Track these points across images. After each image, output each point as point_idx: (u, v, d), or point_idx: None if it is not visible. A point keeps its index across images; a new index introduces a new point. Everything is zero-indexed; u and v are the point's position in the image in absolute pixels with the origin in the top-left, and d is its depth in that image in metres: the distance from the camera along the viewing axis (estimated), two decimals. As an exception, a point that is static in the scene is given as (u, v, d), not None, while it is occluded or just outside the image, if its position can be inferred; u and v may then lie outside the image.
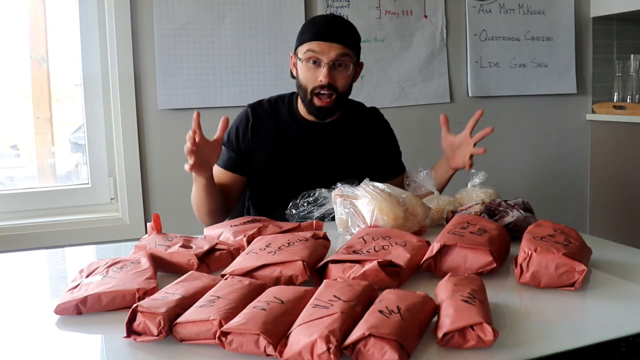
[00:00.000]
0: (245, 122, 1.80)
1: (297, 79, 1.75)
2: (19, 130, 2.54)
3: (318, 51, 1.67)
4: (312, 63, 1.68)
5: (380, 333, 0.80)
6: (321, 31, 1.68)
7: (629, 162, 2.99)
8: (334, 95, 1.70)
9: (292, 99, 1.84)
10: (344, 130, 1.83)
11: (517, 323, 0.95)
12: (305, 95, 1.72)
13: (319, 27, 1.70)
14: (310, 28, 1.72)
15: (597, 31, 3.13)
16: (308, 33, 1.70)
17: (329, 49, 1.66)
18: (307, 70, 1.69)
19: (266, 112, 1.82)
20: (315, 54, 1.67)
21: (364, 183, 1.47)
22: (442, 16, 2.85)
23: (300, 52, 1.70)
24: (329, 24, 1.71)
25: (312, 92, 1.70)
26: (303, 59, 1.69)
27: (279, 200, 1.67)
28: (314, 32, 1.69)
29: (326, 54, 1.66)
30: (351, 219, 1.43)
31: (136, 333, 0.91)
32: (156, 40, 2.44)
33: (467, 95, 2.93)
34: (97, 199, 2.51)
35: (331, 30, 1.68)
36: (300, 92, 1.75)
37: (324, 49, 1.66)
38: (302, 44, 1.70)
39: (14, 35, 2.46)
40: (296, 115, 1.81)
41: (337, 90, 1.70)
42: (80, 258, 1.53)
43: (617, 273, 1.18)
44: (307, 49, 1.68)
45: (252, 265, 1.12)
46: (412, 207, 1.44)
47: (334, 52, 1.66)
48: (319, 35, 1.67)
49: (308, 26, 1.74)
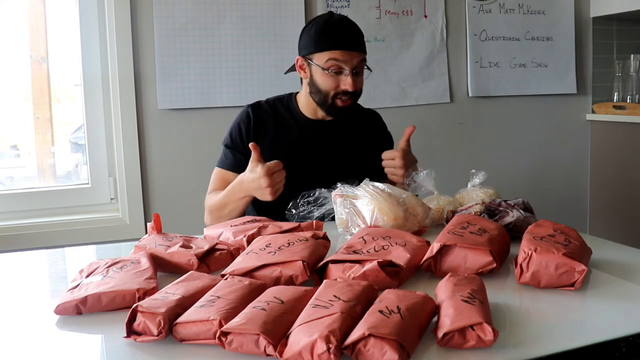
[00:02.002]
0: (247, 121, 1.81)
1: (311, 84, 1.75)
2: (19, 130, 2.54)
3: (341, 60, 1.69)
4: (334, 71, 1.70)
5: (380, 333, 0.80)
6: (342, 40, 1.70)
7: (629, 162, 2.99)
8: (354, 98, 1.76)
9: (291, 99, 1.85)
10: (342, 128, 1.84)
11: (517, 323, 0.95)
12: (325, 99, 1.75)
13: (339, 35, 1.70)
14: (328, 36, 1.71)
15: (597, 31, 3.13)
16: (328, 41, 1.70)
17: (351, 57, 1.70)
18: (329, 78, 1.71)
19: (266, 112, 1.83)
20: (338, 63, 1.69)
21: (364, 183, 1.48)
22: (442, 16, 2.86)
23: (320, 60, 1.70)
24: (348, 31, 1.72)
25: (334, 96, 1.74)
26: (325, 67, 1.70)
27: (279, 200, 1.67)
28: (335, 40, 1.70)
29: (349, 63, 1.69)
30: (351, 219, 1.43)
31: (136, 333, 0.91)
32: (156, 40, 2.44)
33: (467, 95, 2.93)
34: (97, 199, 2.51)
35: (352, 39, 1.71)
36: (318, 96, 1.76)
37: (347, 59, 1.69)
38: (320, 52, 1.70)
39: (14, 35, 2.46)
40: (295, 114, 1.83)
41: (357, 94, 1.76)
42: (80, 258, 1.53)
43: (617, 273, 1.18)
44: (329, 58, 1.69)
45: (252, 265, 1.12)
46: (412, 207, 1.44)
47: (356, 60, 1.70)
48: (341, 44, 1.69)
49: (324, 32, 1.72)
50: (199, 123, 2.54)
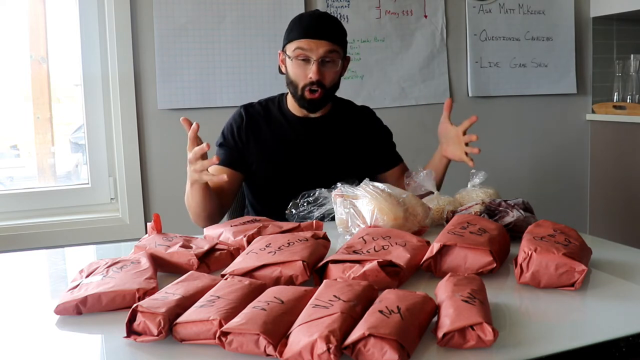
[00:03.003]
0: (240, 120, 1.83)
1: (287, 76, 1.77)
2: (19, 130, 2.54)
3: (307, 49, 1.69)
4: (302, 60, 1.70)
5: (380, 333, 0.80)
6: (309, 29, 1.70)
7: (629, 162, 2.99)
8: (322, 90, 1.73)
9: (282, 98, 1.87)
10: (335, 125, 1.85)
11: (517, 323, 0.95)
12: (295, 91, 1.75)
13: (307, 25, 1.72)
14: (297, 26, 1.73)
15: (597, 31, 3.13)
16: (296, 31, 1.72)
17: (317, 46, 1.69)
18: (297, 68, 1.72)
19: (258, 112, 1.85)
20: (304, 52, 1.70)
21: (364, 183, 1.48)
22: (442, 16, 2.85)
23: (289, 50, 1.72)
24: (316, 21, 1.73)
25: (303, 88, 1.73)
26: (292, 56, 1.71)
27: (277, 199, 1.68)
28: (302, 29, 1.71)
29: (315, 51, 1.69)
30: (351, 219, 1.43)
31: (136, 333, 0.91)
32: (156, 41, 2.44)
33: (467, 95, 2.93)
34: (97, 199, 2.51)
35: (318, 28, 1.71)
36: (291, 88, 1.77)
37: (312, 47, 1.69)
38: (290, 42, 1.72)
39: (14, 35, 2.46)
40: (287, 113, 1.84)
41: (324, 86, 1.73)
42: (80, 258, 1.53)
43: (617, 273, 1.18)
44: (295, 47, 1.70)
45: (252, 265, 1.12)
46: (412, 207, 1.44)
47: (322, 49, 1.69)
48: (307, 33, 1.70)
49: (295, 24, 1.75)
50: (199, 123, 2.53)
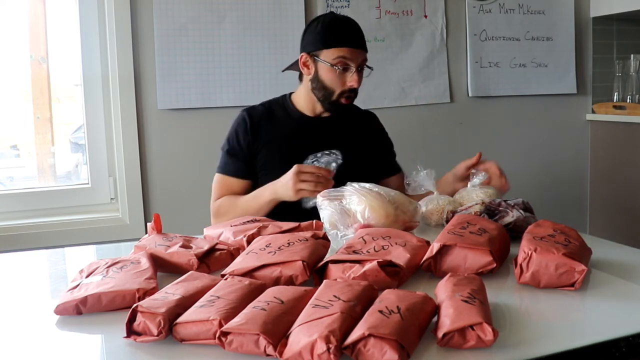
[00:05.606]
0: (244, 124, 1.83)
1: (316, 80, 1.77)
2: (19, 130, 2.54)
3: (349, 58, 1.73)
4: (342, 68, 1.73)
5: (380, 333, 0.80)
6: (350, 38, 1.74)
7: (629, 162, 2.99)
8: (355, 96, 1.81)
9: (286, 99, 1.88)
10: (340, 125, 1.87)
11: (517, 323, 0.95)
12: (329, 95, 1.77)
13: (347, 33, 1.75)
14: (333, 33, 1.74)
15: (597, 31, 3.13)
16: (334, 39, 1.73)
17: (358, 55, 1.74)
18: (336, 75, 1.74)
19: (261, 114, 1.85)
20: (346, 60, 1.73)
21: (349, 184, 1.48)
22: (442, 16, 2.85)
23: (328, 57, 1.73)
24: (354, 29, 1.77)
25: (340, 94, 1.76)
26: (332, 63, 1.73)
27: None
28: (343, 38, 1.73)
29: (355, 61, 1.74)
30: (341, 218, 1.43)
31: (136, 333, 0.91)
32: (156, 41, 2.44)
33: (467, 95, 2.93)
34: (97, 199, 2.51)
35: (358, 37, 1.77)
36: (322, 92, 1.77)
37: (354, 56, 1.74)
38: (328, 49, 1.74)
39: (14, 35, 2.46)
40: (292, 113, 1.85)
41: (357, 92, 1.80)
42: (80, 258, 1.53)
43: (617, 273, 1.18)
44: (338, 55, 1.73)
45: (252, 265, 1.12)
46: (401, 204, 1.46)
47: (361, 57, 1.75)
48: (349, 42, 1.74)
49: (330, 30, 1.75)
50: (199, 123, 2.54)
